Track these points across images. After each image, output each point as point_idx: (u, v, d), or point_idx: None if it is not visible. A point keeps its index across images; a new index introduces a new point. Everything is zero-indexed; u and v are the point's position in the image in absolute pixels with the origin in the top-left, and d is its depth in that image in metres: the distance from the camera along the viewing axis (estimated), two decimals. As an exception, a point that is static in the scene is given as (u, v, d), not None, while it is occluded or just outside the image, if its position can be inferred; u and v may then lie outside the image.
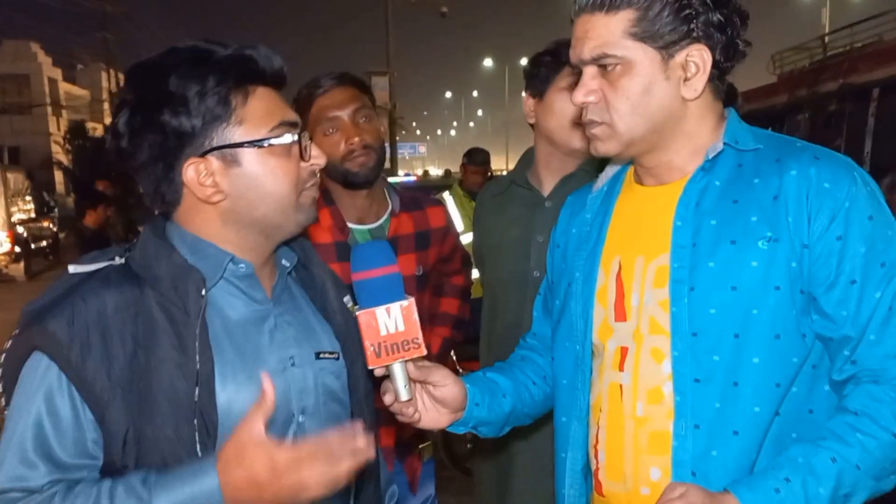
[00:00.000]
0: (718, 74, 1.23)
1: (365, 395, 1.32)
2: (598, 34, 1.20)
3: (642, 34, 1.18)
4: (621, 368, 1.28)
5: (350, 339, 1.29)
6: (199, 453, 1.09)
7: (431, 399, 1.27)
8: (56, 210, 18.40)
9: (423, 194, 2.36)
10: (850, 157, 1.23)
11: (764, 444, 1.17)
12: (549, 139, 2.10)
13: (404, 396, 1.21)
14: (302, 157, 1.20)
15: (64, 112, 28.94)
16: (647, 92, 1.21)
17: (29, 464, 1.07)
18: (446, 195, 5.84)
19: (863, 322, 1.14)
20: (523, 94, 2.19)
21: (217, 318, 1.17)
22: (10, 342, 1.12)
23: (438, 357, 2.21)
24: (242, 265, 1.20)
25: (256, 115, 1.16)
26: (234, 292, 1.21)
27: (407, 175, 19.45)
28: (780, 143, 1.24)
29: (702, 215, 1.22)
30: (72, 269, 1.17)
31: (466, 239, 5.65)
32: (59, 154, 24.44)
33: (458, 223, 5.75)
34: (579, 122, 1.36)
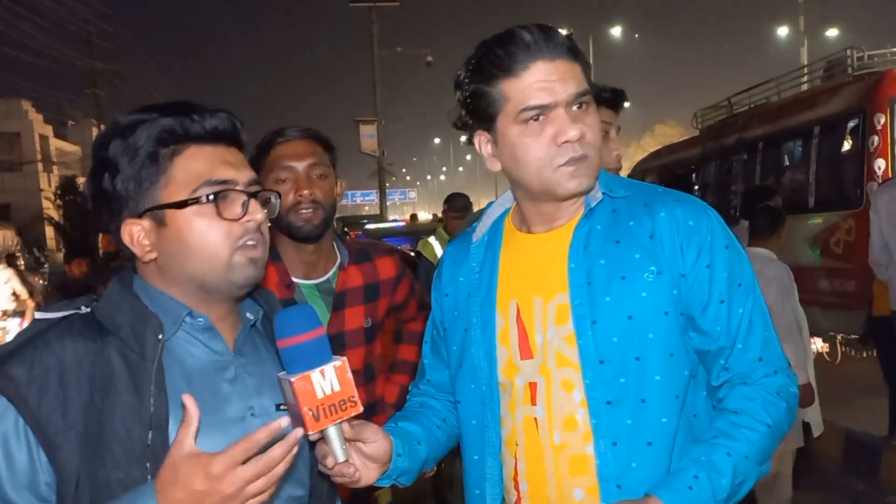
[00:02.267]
0: None
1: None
2: (576, 75, 1.34)
3: (588, 82, 1.37)
4: (534, 402, 1.37)
5: None
6: None
7: (361, 456, 1.30)
8: (47, 266, 18.37)
9: (375, 246, 2.37)
10: (702, 201, 1.43)
11: (674, 449, 1.33)
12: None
13: (342, 457, 1.21)
14: (221, 216, 1.18)
15: (55, 168, 29.11)
16: (599, 130, 1.39)
17: None
18: (432, 239, 5.91)
19: (733, 333, 1.34)
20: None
21: (176, 365, 1.18)
22: None
23: (396, 406, 2.17)
24: (201, 319, 1.22)
25: (182, 175, 1.18)
26: (193, 342, 1.22)
27: (394, 220, 19.55)
28: (644, 190, 1.42)
29: (591, 256, 1.35)
30: (38, 315, 1.20)
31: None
32: (50, 210, 24.50)
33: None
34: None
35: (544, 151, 1.33)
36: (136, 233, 1.19)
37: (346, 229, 15.03)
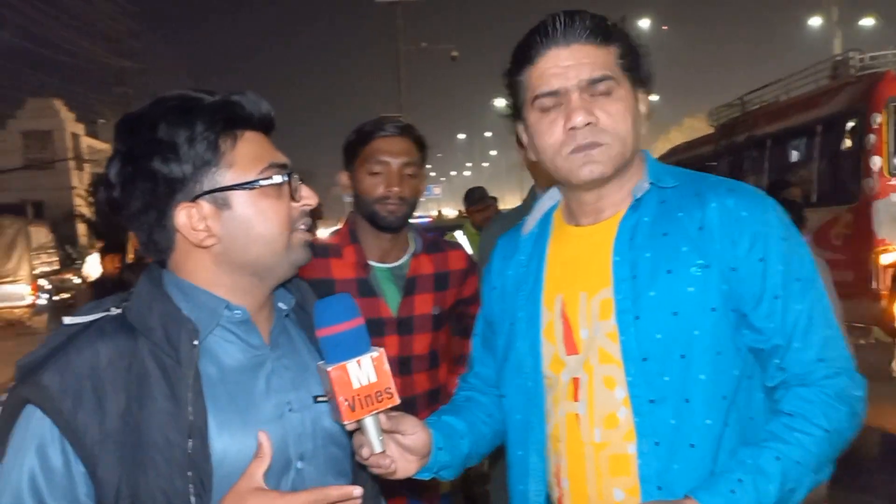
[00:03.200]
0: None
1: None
2: (595, 60, 1.30)
3: (626, 67, 1.33)
4: (576, 398, 1.34)
5: None
6: (193, 502, 1.08)
7: (399, 448, 1.29)
8: (79, 262, 18.69)
9: (445, 240, 2.46)
10: (758, 189, 1.36)
11: (719, 453, 1.27)
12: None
13: (378, 448, 1.21)
14: (293, 198, 1.21)
15: (86, 166, 29.57)
16: (633, 118, 1.33)
17: None
18: (458, 233, 5.92)
19: (788, 332, 1.27)
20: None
21: (212, 366, 1.16)
22: (5, 396, 1.12)
23: None
24: (238, 311, 1.19)
25: (245, 158, 1.17)
26: (230, 338, 1.20)
27: (420, 217, 19.60)
28: (695, 180, 1.36)
29: (637, 249, 1.31)
30: (67, 320, 1.17)
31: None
32: (82, 207, 24.90)
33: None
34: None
35: (554, 138, 1.31)
36: (192, 216, 1.15)
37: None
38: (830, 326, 1.29)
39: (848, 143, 6.25)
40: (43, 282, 15.11)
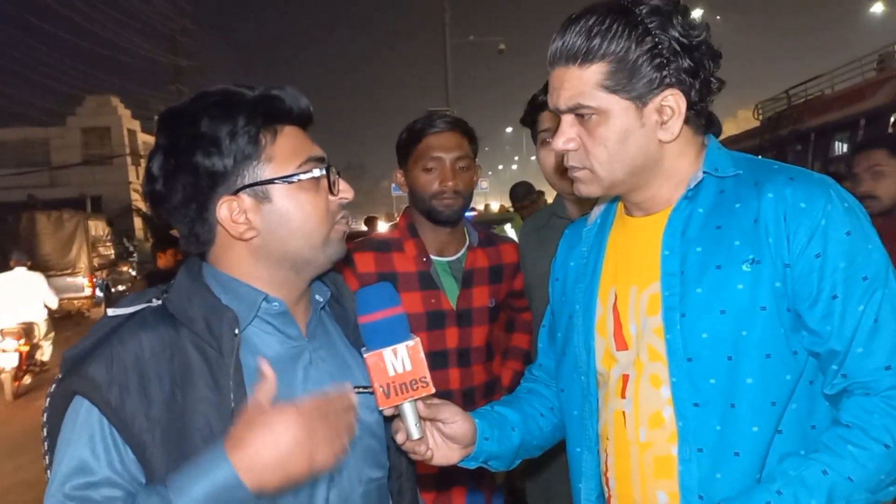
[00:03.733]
0: (695, 112, 1.26)
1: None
2: (573, 85, 1.23)
3: (615, 86, 1.21)
4: (623, 395, 1.31)
5: None
6: None
7: (442, 436, 1.29)
8: (135, 255, 19.19)
9: (497, 234, 2.50)
10: (826, 176, 1.25)
11: (767, 461, 1.19)
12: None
13: (415, 435, 1.22)
14: (331, 192, 1.22)
15: (142, 161, 30.33)
16: (624, 140, 1.23)
17: (79, 468, 1.08)
18: (507, 227, 5.87)
19: (848, 335, 1.16)
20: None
21: (251, 356, 1.17)
22: (53, 387, 1.16)
23: (510, 389, 2.26)
24: (276, 303, 1.21)
25: (285, 152, 1.19)
26: (268, 330, 1.22)
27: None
28: (757, 167, 1.27)
29: (688, 243, 1.25)
30: (110, 312, 1.19)
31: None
32: (139, 201, 25.57)
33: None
34: (562, 170, 1.40)
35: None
36: (233, 209, 1.17)
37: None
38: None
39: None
40: (101, 274, 15.56)
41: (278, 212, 1.18)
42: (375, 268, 2.11)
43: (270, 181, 1.18)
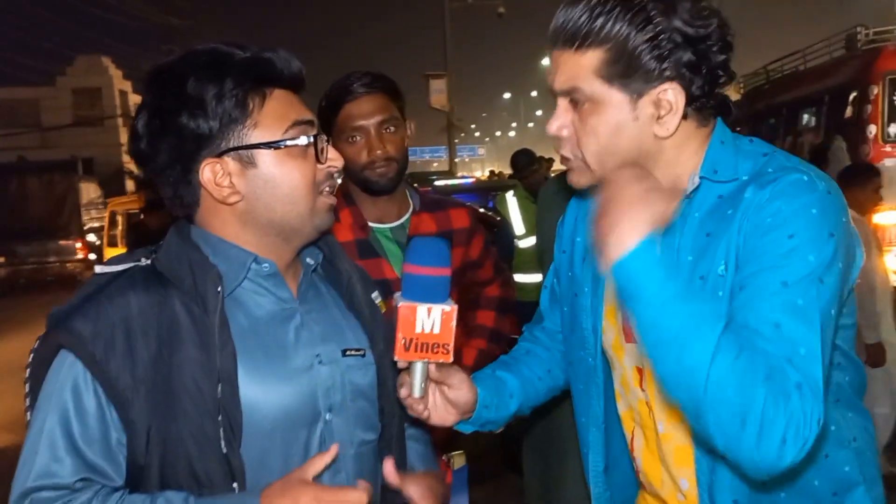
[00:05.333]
0: (697, 107, 1.18)
1: (394, 390, 1.30)
2: (568, 69, 1.17)
3: (610, 76, 1.14)
4: (642, 387, 1.30)
5: (378, 334, 1.29)
6: (224, 450, 1.10)
7: (444, 399, 1.28)
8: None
9: (448, 198, 2.38)
10: (820, 179, 1.14)
11: None
12: None
13: (418, 393, 1.23)
14: (318, 160, 1.19)
15: (134, 123, 30.00)
16: (616, 133, 1.17)
17: (57, 459, 1.07)
18: (509, 195, 5.74)
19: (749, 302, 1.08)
20: None
21: (243, 316, 1.17)
22: (37, 343, 1.14)
23: (473, 369, 2.17)
24: (266, 265, 1.20)
25: (273, 116, 1.16)
26: (259, 291, 1.21)
27: (464, 177, 19.48)
28: (760, 170, 1.16)
29: (682, 251, 1.20)
30: (98, 269, 1.18)
31: (527, 243, 5.53)
32: (131, 164, 25.35)
33: (519, 226, 5.64)
34: None
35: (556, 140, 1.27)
36: (217, 172, 1.15)
37: (414, 185, 14.92)
38: (808, 347, 1.04)
39: (850, 112, 6.90)
40: (93, 237, 15.44)
41: (264, 177, 1.16)
42: None
43: (256, 146, 1.15)
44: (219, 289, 1.13)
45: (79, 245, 14.94)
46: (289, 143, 1.16)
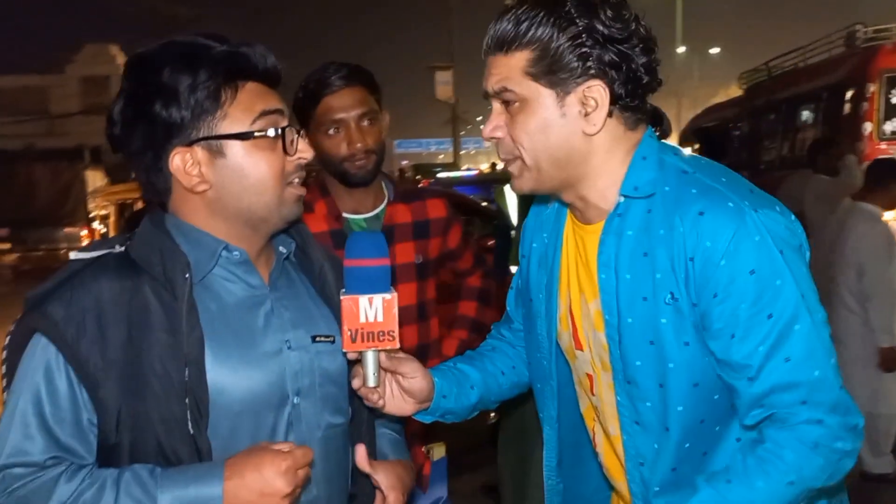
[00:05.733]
0: (624, 106, 1.23)
1: None
2: (499, 71, 1.24)
3: (536, 74, 1.21)
4: (592, 392, 1.36)
5: None
6: (191, 431, 1.14)
7: (399, 388, 1.32)
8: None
9: (425, 188, 2.42)
10: (745, 203, 1.18)
11: (705, 465, 1.24)
12: None
13: (371, 383, 1.26)
14: (286, 152, 1.22)
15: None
16: (545, 128, 1.23)
17: (29, 437, 1.12)
18: (507, 188, 5.77)
19: (753, 372, 1.15)
20: None
21: (212, 302, 1.21)
22: (13, 326, 1.19)
23: None
24: (237, 252, 1.24)
25: (242, 107, 1.19)
26: (230, 277, 1.24)
27: (468, 169, 19.47)
28: (679, 188, 1.21)
29: (620, 269, 1.24)
30: (73, 255, 1.22)
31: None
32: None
33: (516, 218, 5.67)
34: None
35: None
36: (186, 161, 1.19)
37: (418, 177, 14.92)
38: (820, 366, 1.15)
39: (847, 109, 7.03)
40: (98, 225, 15.53)
41: (231, 167, 1.19)
42: None
43: (225, 136, 1.18)
44: (186, 275, 1.17)
45: (84, 232, 15.03)
46: (257, 134, 1.19)
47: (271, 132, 1.20)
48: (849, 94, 6.96)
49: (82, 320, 1.13)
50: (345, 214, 2.09)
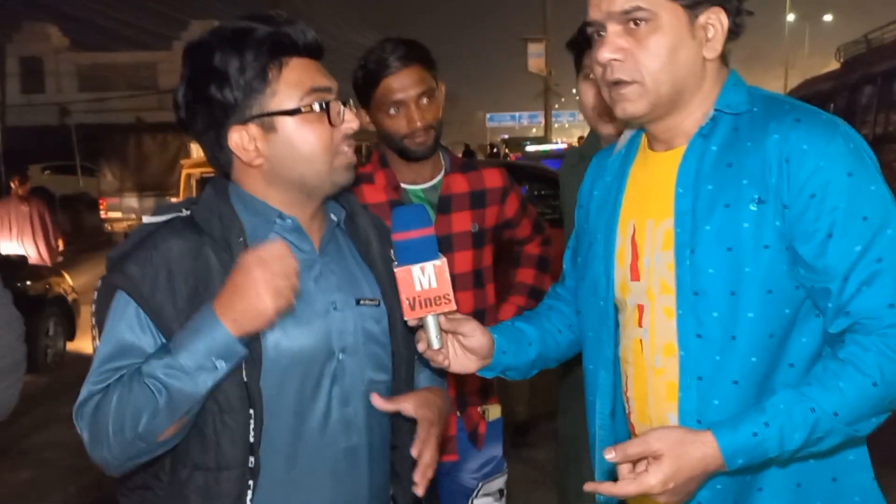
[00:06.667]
0: (730, 38, 1.30)
1: (404, 337, 1.43)
2: None
3: None
4: (640, 325, 1.38)
5: (391, 286, 1.39)
6: (245, 379, 1.26)
7: (461, 347, 1.40)
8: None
9: (483, 160, 2.45)
10: (836, 117, 1.27)
11: (764, 390, 1.24)
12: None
13: (435, 345, 1.33)
14: (331, 122, 1.31)
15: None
16: (675, 50, 1.26)
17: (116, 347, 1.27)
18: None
19: (844, 274, 1.18)
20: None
21: None
22: (99, 283, 1.35)
23: None
24: (289, 220, 1.35)
25: (290, 84, 1.29)
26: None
27: (557, 143, 19.22)
28: (771, 106, 1.28)
29: (700, 180, 1.28)
30: (146, 219, 1.36)
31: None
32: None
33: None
34: (601, 111, 1.41)
35: (597, 72, 1.33)
36: (243, 138, 1.29)
37: (507, 151, 14.81)
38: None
39: None
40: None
41: (283, 141, 1.30)
42: None
43: (275, 113, 1.28)
44: (241, 239, 1.29)
45: (188, 202, 15.72)
46: (304, 110, 1.29)
47: (317, 107, 1.30)
48: None
49: (155, 276, 1.26)
50: (403, 185, 2.17)
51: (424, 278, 1.29)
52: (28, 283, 6.51)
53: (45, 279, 6.85)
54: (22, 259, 7.10)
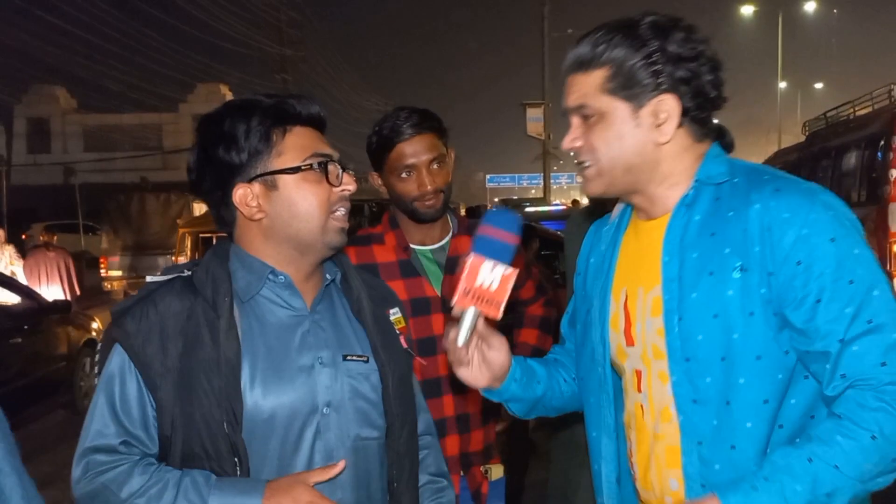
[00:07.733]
0: (693, 119, 1.36)
1: (398, 395, 1.47)
2: (578, 89, 1.38)
3: (613, 89, 1.34)
4: (639, 389, 1.41)
5: (382, 343, 1.47)
6: (227, 431, 1.32)
7: (481, 359, 1.41)
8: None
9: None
10: (816, 185, 1.33)
11: (764, 454, 1.26)
12: None
13: (461, 342, 1.34)
14: (330, 182, 1.40)
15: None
16: (621, 137, 1.35)
17: (105, 425, 1.34)
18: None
19: (839, 336, 1.21)
20: None
21: (256, 321, 1.40)
22: (102, 335, 1.46)
23: None
24: (282, 276, 1.42)
25: (293, 148, 1.40)
26: (277, 300, 1.42)
27: (555, 204, 19.41)
28: (751, 176, 1.34)
29: (685, 249, 1.33)
30: (149, 279, 1.44)
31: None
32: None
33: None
34: None
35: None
36: (247, 195, 1.39)
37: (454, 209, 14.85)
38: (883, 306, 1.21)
39: (879, 157, 8.02)
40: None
41: (283, 198, 1.39)
42: (356, 260, 2.10)
43: (276, 171, 1.39)
44: (227, 298, 1.37)
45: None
46: (304, 167, 1.39)
47: (316, 166, 1.40)
48: (881, 144, 7.85)
49: (149, 333, 1.34)
50: (412, 246, 2.22)
51: (490, 276, 1.30)
52: (69, 326, 6.95)
53: (80, 322, 7.25)
54: (66, 304, 7.25)
